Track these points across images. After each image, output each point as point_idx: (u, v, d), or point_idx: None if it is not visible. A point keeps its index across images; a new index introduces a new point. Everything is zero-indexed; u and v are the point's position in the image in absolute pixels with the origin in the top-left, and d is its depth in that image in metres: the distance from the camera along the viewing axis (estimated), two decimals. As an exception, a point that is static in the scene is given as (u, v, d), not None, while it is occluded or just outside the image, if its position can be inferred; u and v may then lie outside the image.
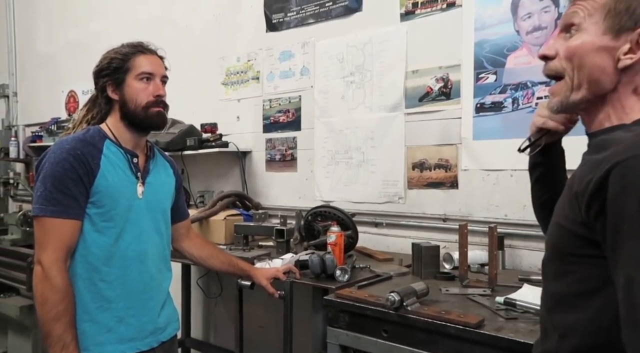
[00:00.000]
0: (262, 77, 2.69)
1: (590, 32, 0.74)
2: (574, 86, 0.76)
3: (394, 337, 1.30)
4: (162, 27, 3.17)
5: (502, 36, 1.88)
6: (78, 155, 1.21)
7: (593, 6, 0.74)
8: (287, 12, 2.57)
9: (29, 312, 2.48)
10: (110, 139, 1.31)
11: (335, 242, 1.76)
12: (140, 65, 1.31)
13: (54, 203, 1.18)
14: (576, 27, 0.75)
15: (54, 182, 1.19)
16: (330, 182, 2.41)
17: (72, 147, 1.23)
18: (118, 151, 1.31)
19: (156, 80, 1.33)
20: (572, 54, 0.75)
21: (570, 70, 0.76)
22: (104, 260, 1.26)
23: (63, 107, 3.95)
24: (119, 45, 1.35)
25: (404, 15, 2.15)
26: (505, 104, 1.87)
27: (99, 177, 1.23)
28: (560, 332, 0.75)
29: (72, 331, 1.19)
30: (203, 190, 2.90)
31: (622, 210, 0.63)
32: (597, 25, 0.73)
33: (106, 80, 1.32)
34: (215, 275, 2.78)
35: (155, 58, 1.37)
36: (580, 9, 0.75)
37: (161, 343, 1.38)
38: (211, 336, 3.01)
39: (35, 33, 4.25)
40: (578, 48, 0.75)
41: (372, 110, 2.26)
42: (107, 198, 1.25)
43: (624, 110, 0.74)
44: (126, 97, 1.31)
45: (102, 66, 1.33)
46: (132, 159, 1.33)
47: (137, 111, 1.31)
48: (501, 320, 1.22)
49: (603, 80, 0.74)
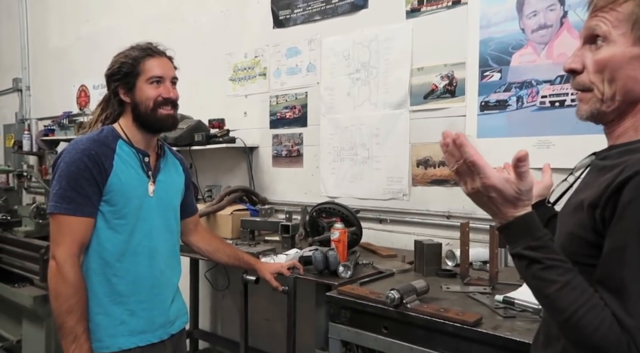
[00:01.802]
0: (269, 74, 2.71)
1: (619, 43, 0.73)
2: (605, 98, 0.75)
3: (393, 334, 1.33)
4: (170, 23, 3.20)
5: (508, 34, 1.87)
6: (92, 155, 1.26)
7: (617, 17, 0.73)
8: (294, 8, 2.58)
9: (42, 301, 2.55)
10: (123, 139, 1.35)
11: (339, 239, 1.78)
12: (150, 69, 1.34)
13: (68, 201, 1.23)
14: (602, 38, 0.74)
15: (69, 181, 1.24)
16: (336, 178, 2.44)
17: (86, 147, 1.27)
18: (130, 151, 1.35)
19: (166, 83, 1.37)
20: (603, 67, 0.74)
21: (600, 83, 0.75)
22: (116, 256, 1.30)
23: (74, 101, 4.02)
24: (128, 47, 1.38)
25: (410, 13, 2.15)
26: (509, 102, 1.87)
27: (112, 176, 1.28)
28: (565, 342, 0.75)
29: (84, 323, 1.24)
30: (211, 185, 2.94)
31: (631, 218, 0.65)
32: (626, 36, 0.72)
33: (118, 84, 1.36)
34: (222, 268, 2.83)
35: (165, 60, 1.39)
36: (603, 21, 0.74)
37: (171, 336, 1.43)
38: (218, 327, 3.08)
39: (48, 28, 4.31)
40: (609, 60, 0.73)
41: (378, 107, 2.27)
42: (120, 196, 1.29)
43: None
44: (137, 100, 1.35)
45: (113, 70, 1.36)
46: (144, 158, 1.37)
47: (147, 113, 1.35)
48: (499, 319, 1.24)
49: (637, 89, 0.73)
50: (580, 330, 0.67)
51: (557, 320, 0.71)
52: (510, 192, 0.71)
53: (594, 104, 0.77)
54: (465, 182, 0.74)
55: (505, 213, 0.73)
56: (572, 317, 0.67)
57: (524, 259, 0.72)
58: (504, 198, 0.72)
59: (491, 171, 0.71)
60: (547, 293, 0.70)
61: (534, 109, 1.82)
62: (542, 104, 1.80)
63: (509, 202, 0.72)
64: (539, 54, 1.81)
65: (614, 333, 0.65)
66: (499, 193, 0.71)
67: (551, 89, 1.78)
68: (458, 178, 0.75)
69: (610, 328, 0.66)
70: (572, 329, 0.68)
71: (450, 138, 0.71)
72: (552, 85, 1.78)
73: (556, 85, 1.77)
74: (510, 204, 0.72)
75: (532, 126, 1.82)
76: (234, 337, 2.84)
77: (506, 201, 0.72)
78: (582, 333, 0.67)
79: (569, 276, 0.69)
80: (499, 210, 0.73)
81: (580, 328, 0.67)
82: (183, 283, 1.63)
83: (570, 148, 1.71)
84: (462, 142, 0.70)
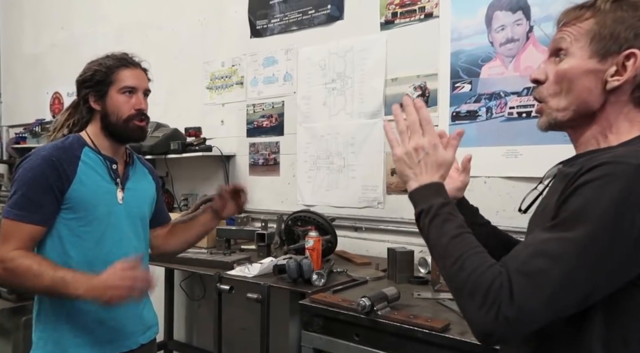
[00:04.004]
0: (246, 82, 2.72)
1: (577, 56, 0.77)
2: (560, 108, 0.79)
3: (365, 341, 1.34)
4: (147, 31, 3.19)
5: (477, 47, 1.93)
6: (53, 162, 1.24)
7: (579, 31, 0.77)
8: (271, 18, 2.60)
9: (9, 314, 2.48)
10: (90, 146, 1.33)
11: (313, 247, 1.79)
12: (123, 79, 1.33)
13: (19, 207, 1.22)
14: (564, 51, 0.79)
15: (23, 187, 1.22)
16: (312, 186, 2.45)
17: (48, 154, 1.25)
18: (97, 158, 1.33)
19: (139, 94, 1.36)
20: (562, 78, 0.79)
21: (558, 93, 0.79)
22: (84, 265, 1.28)
23: (48, 109, 3.94)
24: (103, 55, 1.37)
25: (384, 25, 2.20)
26: (479, 112, 1.93)
27: (75, 183, 1.26)
28: (538, 341, 0.76)
29: (62, 269, 1.18)
30: (187, 193, 2.92)
31: (582, 196, 0.67)
32: (584, 49, 0.77)
33: (89, 91, 1.34)
34: (198, 277, 2.80)
35: (139, 71, 1.38)
36: (567, 34, 0.79)
37: (140, 346, 1.40)
38: (194, 338, 3.03)
39: (21, 34, 4.23)
40: (567, 72, 0.78)
41: (353, 116, 2.30)
42: (85, 203, 1.27)
43: (610, 129, 0.77)
44: (108, 109, 1.33)
45: (85, 77, 1.34)
46: (112, 165, 1.36)
47: (118, 124, 1.33)
48: (466, 324, 1.26)
49: (590, 100, 0.77)
50: (463, 271, 0.71)
51: (446, 267, 0.75)
52: (443, 155, 0.81)
53: (549, 114, 0.81)
54: (404, 141, 0.83)
55: (431, 175, 0.81)
56: (458, 261, 0.72)
57: (431, 212, 0.78)
58: (434, 160, 0.81)
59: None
60: (444, 242, 0.76)
61: (503, 120, 1.88)
62: (510, 115, 1.86)
63: (437, 166, 0.81)
64: (506, 67, 1.87)
65: (493, 272, 0.69)
66: (436, 153, 0.81)
67: (518, 100, 1.84)
68: (400, 136, 0.84)
69: (490, 268, 0.70)
70: (457, 272, 0.72)
71: (410, 100, 0.84)
72: (519, 96, 1.84)
73: (523, 96, 1.83)
74: (436, 169, 0.81)
75: (501, 136, 1.88)
76: (209, 347, 2.80)
77: (434, 164, 0.81)
78: (464, 275, 0.71)
79: (466, 230, 0.76)
80: (425, 172, 0.81)
81: (464, 269, 0.71)
82: (157, 293, 1.61)
83: (537, 157, 1.76)
84: (422, 105, 0.83)
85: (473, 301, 0.69)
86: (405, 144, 0.83)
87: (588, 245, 0.65)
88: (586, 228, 0.65)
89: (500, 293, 0.66)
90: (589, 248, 0.65)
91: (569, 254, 0.65)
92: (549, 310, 0.66)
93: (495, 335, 0.68)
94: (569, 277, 0.65)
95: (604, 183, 0.66)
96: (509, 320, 0.66)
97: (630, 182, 0.64)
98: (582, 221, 0.66)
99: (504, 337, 0.69)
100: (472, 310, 0.69)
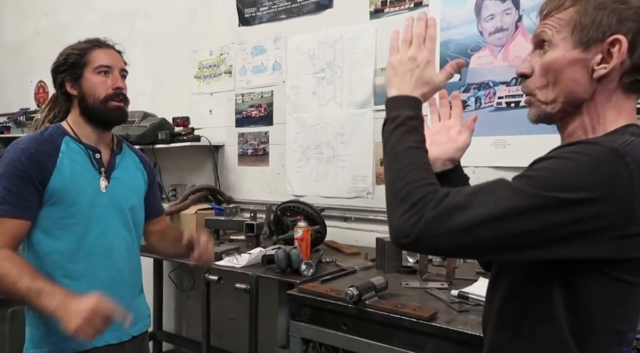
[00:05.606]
0: (234, 72, 2.69)
1: (560, 47, 0.77)
2: (549, 100, 0.79)
3: (353, 330, 1.34)
4: (134, 19, 3.13)
5: (467, 36, 1.93)
6: (32, 154, 1.21)
7: (559, 23, 0.77)
8: (260, 6, 2.57)
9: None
10: (70, 136, 1.31)
11: (302, 237, 1.79)
12: (97, 58, 1.31)
13: (1, 202, 1.19)
14: (547, 43, 0.78)
15: (3, 181, 1.20)
16: (302, 176, 2.44)
17: (25, 146, 1.23)
18: (78, 147, 1.31)
19: (115, 73, 1.33)
20: (547, 70, 0.78)
21: (545, 85, 0.79)
22: (68, 257, 1.26)
23: (32, 98, 3.87)
24: (75, 42, 1.35)
25: (374, 13, 2.18)
26: (468, 102, 1.92)
27: (56, 174, 1.23)
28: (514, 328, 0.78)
29: (41, 279, 1.15)
30: (175, 184, 2.90)
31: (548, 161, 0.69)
32: (566, 40, 0.76)
33: (64, 76, 1.31)
34: (187, 268, 2.79)
35: (113, 52, 1.36)
36: (548, 27, 0.78)
37: (132, 338, 1.39)
38: (183, 329, 3.03)
39: (3, 22, 4.13)
40: (552, 63, 0.78)
41: (342, 106, 2.29)
42: (66, 194, 1.25)
43: (598, 120, 0.77)
44: (85, 91, 1.31)
45: (59, 62, 1.32)
46: (94, 154, 1.33)
47: (95, 105, 1.30)
48: (454, 313, 1.27)
49: (578, 91, 0.77)
50: (403, 179, 0.74)
51: (391, 172, 0.77)
52: (432, 74, 0.83)
53: (539, 107, 0.81)
54: (403, 49, 0.85)
55: (413, 89, 0.82)
56: (404, 169, 0.75)
57: (397, 120, 0.80)
58: (422, 76, 0.83)
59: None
60: (399, 149, 0.78)
61: (492, 109, 1.88)
62: (499, 105, 1.86)
63: (422, 82, 0.83)
64: (495, 56, 1.86)
65: (430, 189, 0.71)
66: (426, 69, 0.83)
67: (507, 90, 1.84)
68: (401, 45, 0.86)
69: (430, 185, 0.72)
70: (398, 179, 0.74)
71: (425, 16, 0.86)
72: (508, 86, 1.84)
73: (512, 86, 1.83)
74: (421, 85, 0.82)
75: (490, 126, 1.88)
76: (198, 338, 2.80)
77: (421, 79, 0.82)
78: (402, 183, 0.73)
79: (423, 148, 0.79)
80: (408, 83, 0.83)
81: (405, 177, 0.74)
82: (147, 284, 1.59)
83: (525, 147, 1.77)
84: (433, 24, 0.86)
85: (401, 207, 0.71)
86: (402, 53, 0.84)
87: (531, 196, 0.66)
88: (535, 183, 0.67)
89: (428, 204, 0.69)
90: (529, 199, 0.66)
91: (510, 196, 0.67)
92: (471, 233, 0.67)
93: (411, 236, 0.69)
94: (501, 212, 0.66)
95: (573, 155, 0.67)
96: (428, 220, 0.68)
97: (598, 161, 0.66)
98: (535, 176, 0.68)
99: (419, 239, 0.69)
100: (396, 215, 0.71)
